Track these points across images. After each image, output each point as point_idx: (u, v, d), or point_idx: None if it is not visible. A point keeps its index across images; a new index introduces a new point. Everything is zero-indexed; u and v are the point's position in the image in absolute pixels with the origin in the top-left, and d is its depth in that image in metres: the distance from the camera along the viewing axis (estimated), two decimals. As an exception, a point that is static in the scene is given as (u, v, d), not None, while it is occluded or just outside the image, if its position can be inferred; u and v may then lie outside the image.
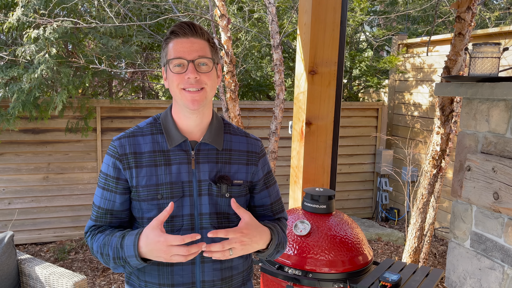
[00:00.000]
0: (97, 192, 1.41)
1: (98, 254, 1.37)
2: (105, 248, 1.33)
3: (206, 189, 1.37)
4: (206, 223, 1.37)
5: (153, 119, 1.43)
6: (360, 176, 6.08)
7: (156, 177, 1.34)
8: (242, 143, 1.45)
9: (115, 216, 1.40)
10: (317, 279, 2.04)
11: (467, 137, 1.77)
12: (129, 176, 1.35)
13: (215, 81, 1.37)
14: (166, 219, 1.29)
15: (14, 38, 4.55)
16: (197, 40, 1.33)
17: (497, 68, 1.66)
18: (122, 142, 1.36)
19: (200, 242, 1.21)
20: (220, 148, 1.40)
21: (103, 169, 1.39)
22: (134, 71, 5.95)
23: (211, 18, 4.17)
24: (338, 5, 2.72)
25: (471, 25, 3.09)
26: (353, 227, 2.26)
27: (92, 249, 1.40)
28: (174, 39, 1.33)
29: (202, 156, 1.38)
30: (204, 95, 1.32)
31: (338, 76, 2.82)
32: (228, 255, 1.25)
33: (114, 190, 1.37)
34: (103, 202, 1.39)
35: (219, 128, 1.43)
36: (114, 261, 1.31)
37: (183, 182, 1.35)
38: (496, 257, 1.63)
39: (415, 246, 3.61)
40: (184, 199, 1.35)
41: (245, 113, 5.29)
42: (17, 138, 4.63)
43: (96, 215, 1.41)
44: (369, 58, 6.56)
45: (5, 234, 2.64)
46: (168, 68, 1.34)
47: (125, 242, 1.28)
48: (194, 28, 1.33)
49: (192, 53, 1.30)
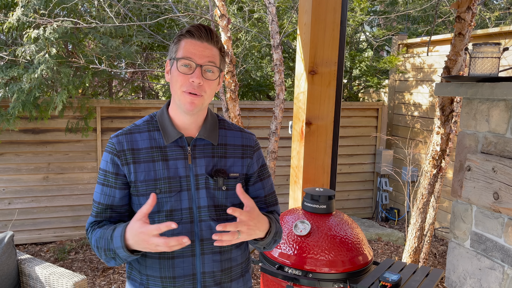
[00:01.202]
0: (97, 189, 1.43)
1: (95, 248, 1.39)
2: (100, 241, 1.35)
3: (203, 183, 1.41)
4: (205, 216, 1.40)
5: (149, 117, 1.47)
6: (360, 176, 6.08)
7: (154, 172, 1.38)
8: (237, 138, 1.50)
9: (115, 211, 1.42)
10: (317, 279, 2.04)
11: (467, 137, 1.77)
12: (127, 172, 1.38)
13: (215, 89, 1.41)
14: (168, 218, 1.34)
15: (14, 38, 4.55)
16: (210, 46, 1.36)
17: (497, 68, 1.66)
18: (119, 139, 1.40)
19: (181, 236, 1.21)
20: (216, 143, 1.44)
21: (102, 165, 1.42)
22: (134, 71, 5.95)
23: (211, 18, 4.17)
24: (338, 5, 2.72)
25: (471, 25, 3.09)
26: (353, 227, 2.26)
27: (91, 244, 1.42)
28: (189, 38, 1.35)
29: (198, 151, 1.42)
30: (201, 101, 1.36)
31: (338, 76, 2.82)
32: (236, 238, 1.27)
33: (114, 186, 1.40)
34: (103, 197, 1.41)
35: (214, 124, 1.47)
36: (105, 253, 1.34)
37: (181, 177, 1.39)
38: (496, 257, 1.63)
39: (415, 246, 3.61)
40: (182, 193, 1.39)
41: (245, 113, 5.29)
42: (17, 138, 4.63)
43: (96, 211, 1.43)
44: (369, 58, 6.56)
45: (5, 234, 2.64)
46: (175, 65, 1.36)
47: (114, 234, 1.30)
48: (210, 34, 1.36)
49: (203, 58, 1.34)
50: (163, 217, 1.38)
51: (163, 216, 1.38)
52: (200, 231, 1.40)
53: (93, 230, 1.42)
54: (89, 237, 1.43)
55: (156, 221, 1.39)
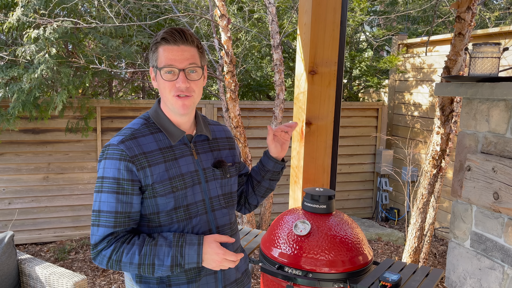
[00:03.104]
0: (107, 198, 1.39)
1: (131, 265, 1.37)
2: (147, 259, 1.36)
3: (211, 175, 1.52)
4: (216, 205, 1.53)
5: (144, 119, 1.49)
6: (360, 176, 6.08)
7: (168, 172, 1.43)
8: (221, 131, 1.65)
9: (132, 219, 1.42)
10: (317, 279, 2.05)
11: (467, 137, 1.77)
12: (143, 176, 1.39)
13: (202, 85, 1.49)
14: (186, 213, 1.47)
15: (14, 38, 4.55)
16: (187, 47, 1.40)
17: (497, 68, 1.66)
18: (128, 145, 1.40)
19: (239, 253, 1.44)
20: (211, 137, 1.57)
21: (112, 174, 1.38)
22: (134, 71, 5.95)
23: (211, 18, 4.17)
24: (338, 5, 2.72)
25: (471, 25, 3.09)
26: (353, 227, 2.26)
27: (117, 261, 1.37)
28: (165, 45, 1.39)
29: (199, 147, 1.53)
30: (192, 100, 1.44)
31: (338, 76, 2.82)
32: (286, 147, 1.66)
33: (131, 192, 1.39)
34: (120, 206, 1.38)
35: (203, 120, 1.60)
36: (170, 269, 1.38)
37: (191, 172, 1.47)
38: (496, 257, 1.63)
39: (415, 246, 3.61)
40: (194, 187, 1.47)
41: (245, 113, 5.29)
42: (17, 138, 4.63)
43: (114, 221, 1.38)
44: (369, 58, 6.56)
45: (5, 234, 2.64)
46: (158, 74, 1.41)
47: (186, 252, 1.38)
48: (184, 36, 1.39)
49: (183, 61, 1.39)
50: (181, 212, 1.44)
51: (181, 212, 1.44)
52: (215, 219, 1.52)
53: (116, 247, 1.37)
54: (107, 254, 1.38)
55: (174, 217, 1.43)
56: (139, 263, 1.36)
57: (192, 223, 1.46)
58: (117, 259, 1.37)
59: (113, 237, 1.39)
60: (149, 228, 1.46)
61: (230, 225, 1.58)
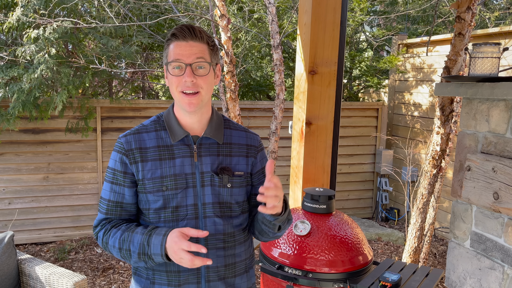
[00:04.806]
0: (105, 187, 1.48)
1: (114, 249, 1.43)
2: (125, 244, 1.40)
3: (209, 180, 1.45)
4: (209, 213, 1.45)
5: (156, 117, 1.53)
6: (360, 176, 6.08)
7: (161, 170, 1.42)
8: (241, 137, 1.55)
9: (124, 209, 1.47)
10: (317, 279, 2.05)
11: (467, 137, 1.77)
12: (135, 170, 1.43)
13: (212, 83, 1.45)
14: (174, 214, 1.42)
15: (14, 38, 4.55)
16: (196, 43, 1.40)
17: (497, 68, 1.66)
18: (128, 139, 1.45)
19: (206, 258, 1.31)
20: (221, 141, 1.49)
21: (111, 164, 1.47)
22: (134, 71, 5.95)
23: (211, 18, 4.17)
24: (338, 5, 2.72)
25: (471, 25, 3.09)
26: (353, 227, 2.26)
27: (105, 243, 1.45)
28: (174, 41, 1.41)
29: (204, 150, 1.47)
30: (199, 98, 1.41)
31: (338, 76, 2.82)
32: (279, 205, 1.36)
33: (122, 184, 1.45)
34: (112, 195, 1.46)
35: (219, 123, 1.52)
36: (138, 257, 1.38)
37: (186, 174, 1.44)
38: (496, 257, 1.63)
39: (415, 246, 3.61)
40: (187, 190, 1.44)
41: (245, 113, 5.29)
42: (17, 138, 4.63)
43: (106, 208, 1.47)
44: (369, 58, 6.56)
45: (5, 234, 2.64)
46: (167, 69, 1.42)
47: (152, 241, 1.35)
48: (193, 32, 1.40)
49: (191, 56, 1.38)
50: (169, 213, 1.43)
51: (169, 212, 1.43)
52: (205, 226, 1.44)
53: (107, 230, 1.45)
54: (100, 236, 1.47)
55: (162, 217, 1.43)
56: (119, 247, 1.41)
57: (179, 225, 1.42)
58: (105, 241, 1.45)
59: (107, 221, 1.47)
60: (145, 222, 1.50)
61: (224, 236, 1.46)
